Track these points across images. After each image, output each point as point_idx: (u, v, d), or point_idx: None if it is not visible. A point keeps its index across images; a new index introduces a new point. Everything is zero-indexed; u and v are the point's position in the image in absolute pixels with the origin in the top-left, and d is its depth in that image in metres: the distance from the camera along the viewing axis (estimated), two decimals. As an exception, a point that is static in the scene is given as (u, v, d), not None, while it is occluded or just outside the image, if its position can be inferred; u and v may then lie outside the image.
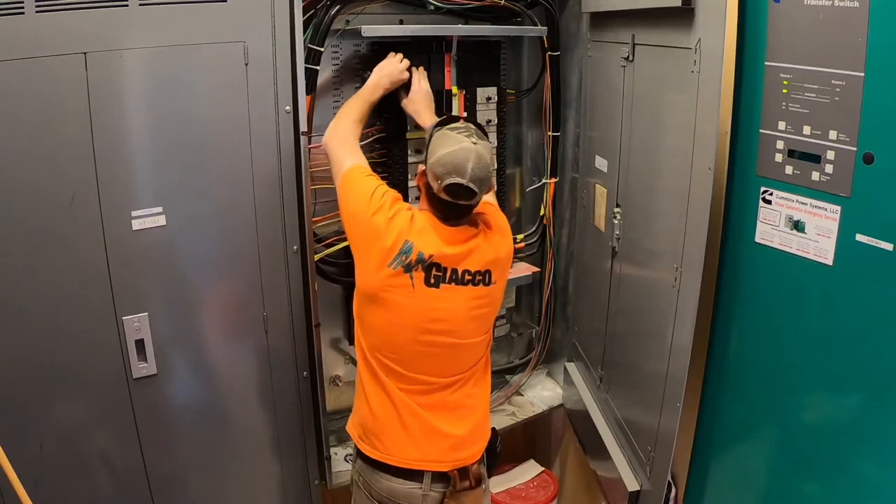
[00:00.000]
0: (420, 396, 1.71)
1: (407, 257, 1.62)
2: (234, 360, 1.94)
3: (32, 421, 1.68)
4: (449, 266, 1.64)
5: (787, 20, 1.45)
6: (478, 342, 1.74)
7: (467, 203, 1.62)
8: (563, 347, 2.71)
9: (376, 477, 1.74)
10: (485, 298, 1.70)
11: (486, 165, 1.58)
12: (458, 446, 1.73)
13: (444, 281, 1.65)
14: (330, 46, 2.06)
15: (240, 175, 1.82)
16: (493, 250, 1.70)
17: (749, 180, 1.59)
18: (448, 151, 1.58)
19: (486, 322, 1.76)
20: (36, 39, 1.51)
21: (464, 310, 1.68)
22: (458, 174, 1.56)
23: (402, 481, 1.71)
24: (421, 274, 1.63)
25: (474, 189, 1.58)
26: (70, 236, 1.64)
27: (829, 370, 1.45)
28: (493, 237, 1.72)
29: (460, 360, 1.73)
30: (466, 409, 1.76)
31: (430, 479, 1.71)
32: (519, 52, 2.47)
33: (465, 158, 1.56)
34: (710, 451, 1.80)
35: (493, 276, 1.70)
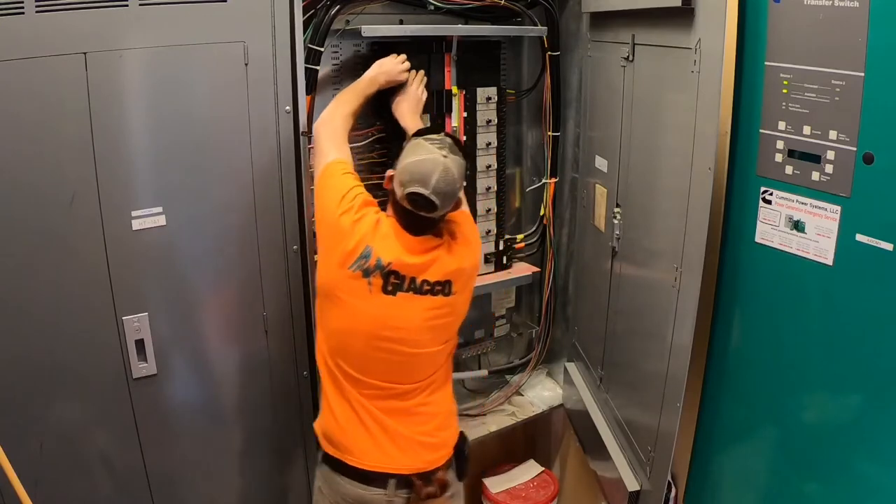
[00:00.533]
0: (378, 401, 1.70)
1: (366, 262, 1.62)
2: (234, 359, 1.94)
3: (32, 421, 1.68)
4: (408, 275, 1.64)
5: (787, 20, 1.45)
6: (435, 352, 1.72)
7: (428, 215, 1.61)
8: (563, 347, 2.71)
9: (340, 482, 1.72)
10: (443, 308, 1.69)
11: (452, 180, 1.57)
12: (419, 451, 1.72)
13: (402, 289, 1.64)
14: (330, 46, 2.06)
15: (240, 175, 1.82)
16: (455, 261, 1.68)
17: (749, 180, 1.59)
18: (416, 160, 1.58)
19: (444, 332, 1.74)
20: (36, 39, 1.51)
21: (420, 319, 1.67)
22: (421, 184, 1.55)
23: (366, 487, 1.70)
24: (379, 280, 1.63)
25: (435, 202, 1.56)
26: (70, 236, 1.64)
27: (829, 370, 1.45)
28: (458, 248, 1.70)
29: (416, 369, 1.72)
30: (425, 415, 1.74)
31: (395, 486, 1.69)
32: (519, 52, 2.47)
33: (432, 170, 1.55)
34: (710, 451, 1.80)
35: (454, 286, 1.69)
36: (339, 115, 1.82)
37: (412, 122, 1.95)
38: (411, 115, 1.97)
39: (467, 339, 2.59)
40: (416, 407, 1.73)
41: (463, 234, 1.73)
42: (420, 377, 1.73)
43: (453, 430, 1.82)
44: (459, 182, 1.61)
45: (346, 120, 1.83)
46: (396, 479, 1.70)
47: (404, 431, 1.71)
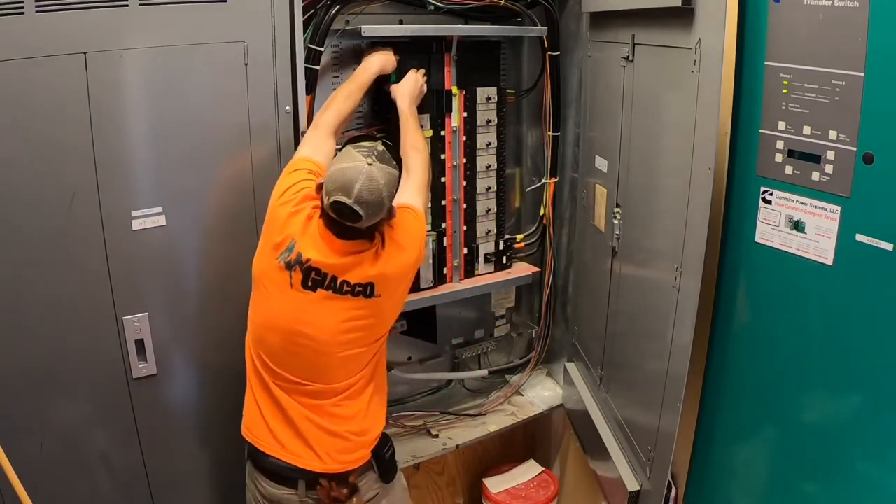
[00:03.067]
0: (295, 395, 1.69)
1: (289, 254, 1.61)
2: (234, 359, 1.93)
3: (32, 421, 1.68)
4: (329, 273, 1.62)
5: (787, 20, 1.45)
6: (353, 355, 1.68)
7: (353, 224, 1.57)
8: (563, 347, 2.71)
9: (257, 479, 1.73)
10: (364, 310, 1.65)
11: (375, 189, 1.53)
12: (330, 451, 1.69)
13: (322, 286, 1.62)
14: (330, 46, 2.06)
15: (240, 175, 1.83)
16: (379, 266, 1.64)
17: (749, 180, 1.59)
18: (340, 168, 1.55)
19: (365, 335, 1.69)
20: (36, 39, 1.51)
21: (337, 321, 1.64)
22: (344, 193, 1.52)
23: (279, 486, 1.70)
24: (299, 275, 1.61)
25: (359, 211, 1.53)
26: (70, 236, 1.64)
27: (829, 370, 1.45)
28: (385, 253, 1.66)
29: (331, 370, 1.69)
30: (339, 417, 1.71)
31: (305, 486, 1.69)
32: (519, 52, 2.47)
33: (354, 178, 1.51)
34: (710, 451, 1.80)
35: (377, 289, 1.65)
36: (332, 113, 1.82)
37: (408, 105, 1.96)
38: (409, 98, 1.98)
39: (467, 339, 2.59)
40: (331, 407, 1.70)
41: (394, 239, 1.68)
42: (336, 379, 1.69)
43: (371, 435, 1.76)
44: (386, 191, 1.56)
45: (340, 116, 1.82)
46: (306, 479, 1.69)
47: (315, 429, 1.68)
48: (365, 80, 1.93)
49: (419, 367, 2.54)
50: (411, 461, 2.35)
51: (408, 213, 1.74)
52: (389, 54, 2.02)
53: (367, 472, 1.76)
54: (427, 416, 2.54)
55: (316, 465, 1.68)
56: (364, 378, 1.74)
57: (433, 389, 2.67)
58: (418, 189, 1.80)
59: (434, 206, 2.28)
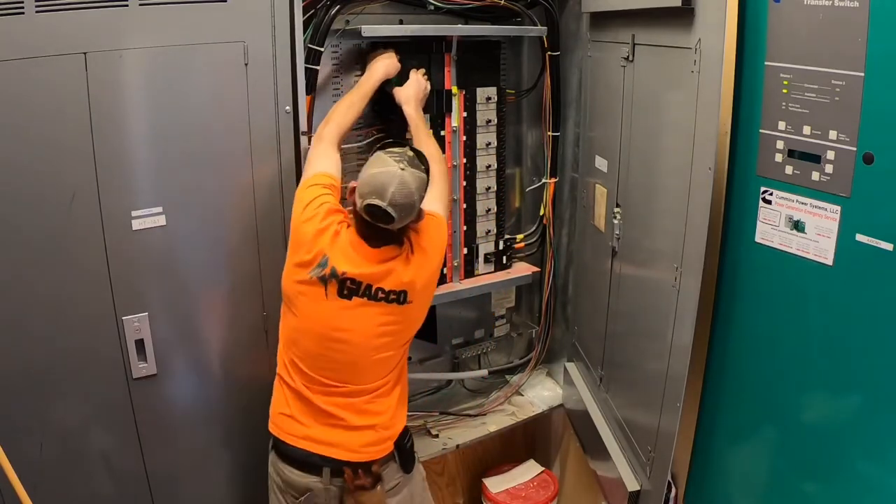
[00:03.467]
0: (326, 397, 1.73)
1: (323, 270, 1.66)
2: (234, 359, 1.94)
3: (32, 421, 1.68)
4: (363, 282, 1.67)
5: (787, 20, 1.45)
6: (385, 358, 1.75)
7: (386, 227, 1.63)
8: (563, 347, 2.71)
9: (282, 468, 1.76)
10: (397, 316, 1.72)
11: (408, 192, 1.60)
12: (356, 440, 1.74)
13: (358, 294, 1.68)
14: (330, 46, 2.06)
15: (240, 175, 1.83)
16: (410, 272, 1.71)
17: (749, 180, 1.59)
18: (374, 172, 1.62)
19: (396, 339, 1.76)
20: (36, 39, 1.51)
21: (373, 325, 1.70)
22: (378, 196, 1.58)
23: (304, 474, 1.74)
24: (334, 286, 1.67)
25: (392, 214, 1.59)
26: (70, 236, 1.64)
27: (829, 370, 1.45)
28: (414, 259, 1.73)
29: (365, 373, 1.74)
30: (369, 413, 1.76)
31: (330, 474, 1.73)
32: (519, 52, 2.47)
33: (388, 182, 1.59)
34: (710, 451, 1.80)
35: (409, 296, 1.72)
36: (333, 125, 1.84)
37: (414, 110, 1.98)
38: (415, 102, 1.99)
39: (467, 339, 2.59)
40: (362, 405, 1.75)
41: (420, 246, 1.74)
42: (368, 380, 1.75)
43: (396, 429, 1.82)
44: (417, 195, 1.64)
45: (341, 128, 1.85)
46: (330, 467, 1.72)
47: (345, 423, 1.73)
48: (368, 89, 1.95)
49: (419, 367, 2.54)
50: (411, 461, 2.35)
51: (432, 219, 1.79)
52: (392, 58, 2.03)
53: (389, 462, 1.80)
54: (427, 416, 2.54)
55: (341, 454, 1.73)
56: (393, 378, 1.80)
57: (433, 389, 2.67)
58: (440, 197, 1.85)
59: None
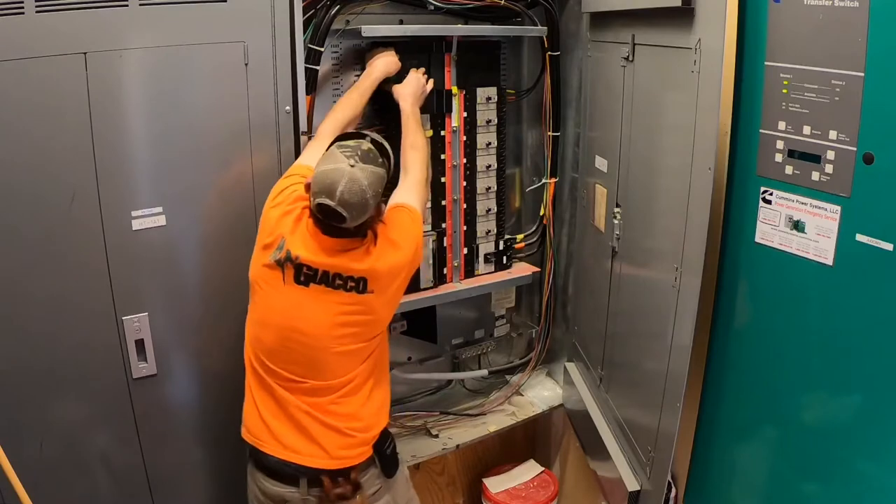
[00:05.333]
0: (293, 394, 1.69)
1: (279, 252, 1.63)
2: (234, 359, 1.93)
3: (32, 421, 1.68)
4: (320, 269, 1.63)
5: (787, 20, 1.45)
6: (349, 351, 1.68)
7: (339, 225, 1.58)
8: (563, 347, 2.71)
9: (259, 478, 1.73)
10: (357, 306, 1.65)
11: (358, 191, 1.53)
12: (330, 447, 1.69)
13: (315, 280, 1.63)
14: (330, 46, 2.06)
15: (240, 175, 1.83)
16: (369, 260, 1.65)
17: (749, 180, 1.59)
18: (323, 170, 1.56)
19: (361, 332, 1.69)
20: (36, 39, 1.51)
21: (331, 314, 1.64)
22: (327, 195, 1.53)
23: (281, 484, 1.70)
24: (291, 270, 1.63)
25: (343, 213, 1.53)
26: (70, 236, 1.64)
27: (829, 370, 1.45)
28: (377, 250, 1.67)
29: (327, 367, 1.68)
30: (338, 415, 1.70)
31: (307, 484, 1.69)
32: (519, 52, 2.47)
33: (336, 180, 1.52)
34: (710, 451, 1.80)
35: (370, 285, 1.65)
36: (330, 121, 1.84)
37: (410, 106, 1.96)
38: (412, 99, 1.98)
39: (467, 339, 2.59)
40: (329, 404, 1.70)
41: (387, 237, 1.68)
42: (333, 376, 1.69)
43: (373, 432, 1.76)
44: (371, 191, 1.56)
45: (338, 124, 1.84)
46: (308, 477, 1.69)
47: (315, 425, 1.69)
48: (367, 87, 1.94)
49: (419, 367, 2.54)
50: (411, 461, 2.35)
51: (403, 211, 1.74)
52: (392, 56, 2.03)
53: (369, 467, 1.76)
54: (427, 416, 2.54)
55: (317, 462, 1.68)
56: (362, 374, 1.73)
57: (433, 389, 2.67)
58: (415, 187, 1.81)
59: (434, 206, 2.28)
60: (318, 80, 2.02)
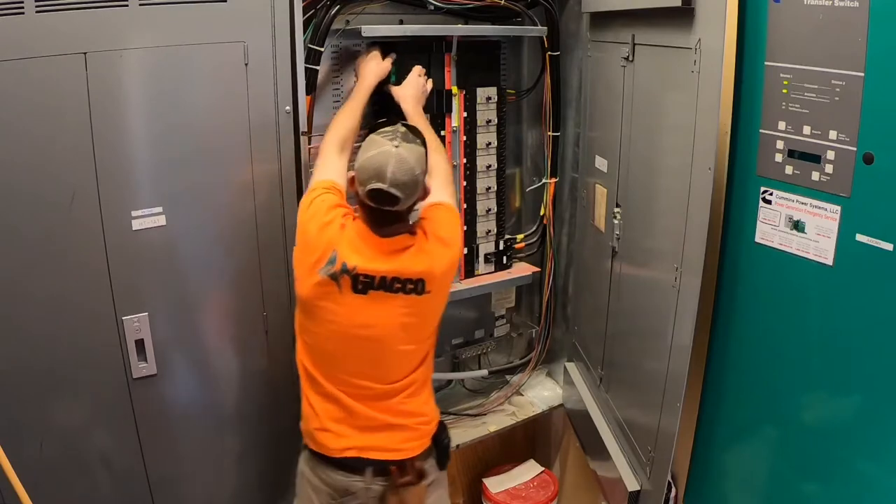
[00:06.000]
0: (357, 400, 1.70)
1: (332, 266, 1.61)
2: (234, 359, 1.94)
3: (32, 421, 1.68)
4: (377, 275, 1.62)
5: (787, 20, 1.45)
6: (409, 351, 1.71)
7: (392, 209, 1.58)
8: (563, 347, 2.71)
9: (320, 467, 1.75)
10: (416, 307, 1.67)
11: (408, 169, 1.54)
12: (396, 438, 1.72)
13: (373, 287, 1.63)
14: (330, 46, 2.06)
15: (240, 175, 1.82)
16: (426, 261, 1.65)
17: (749, 180, 1.59)
18: (369, 156, 1.56)
19: (418, 332, 1.71)
20: (36, 39, 1.51)
21: (393, 316, 1.65)
22: (378, 179, 1.53)
23: (345, 474, 1.72)
24: (348, 280, 1.61)
25: (396, 194, 1.54)
26: (70, 236, 1.64)
27: (829, 370, 1.45)
28: (430, 248, 1.67)
29: (392, 368, 1.71)
30: (404, 413, 1.74)
31: (372, 473, 1.71)
32: (519, 52, 2.47)
33: (385, 162, 1.53)
34: (710, 451, 1.80)
35: (427, 286, 1.65)
36: (332, 134, 1.82)
37: (412, 108, 1.96)
38: (413, 101, 1.98)
39: (467, 339, 2.59)
40: (397, 405, 1.73)
41: (436, 234, 1.68)
42: (396, 377, 1.72)
43: (433, 424, 1.81)
44: (418, 168, 1.58)
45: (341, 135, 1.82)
46: (373, 467, 1.71)
47: (382, 419, 1.71)
48: (363, 95, 1.94)
49: (419, 367, 2.54)
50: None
51: (442, 208, 1.74)
52: (377, 58, 2.02)
53: (428, 457, 1.80)
54: (427, 416, 2.54)
55: (385, 455, 1.71)
56: (420, 378, 1.77)
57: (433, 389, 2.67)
58: (444, 185, 1.81)
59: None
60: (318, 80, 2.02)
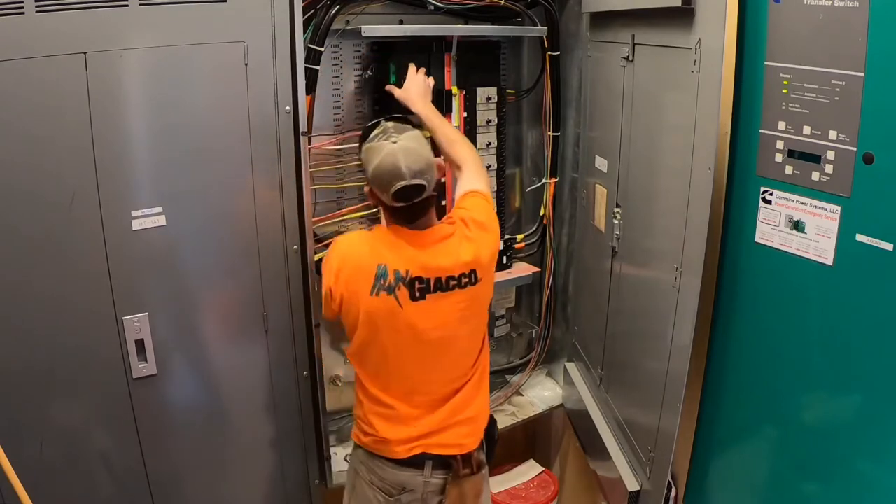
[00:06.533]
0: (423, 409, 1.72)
1: (385, 280, 1.60)
2: (234, 359, 1.94)
3: (32, 421, 1.68)
4: (431, 276, 1.62)
5: (787, 20, 1.45)
6: (470, 343, 1.75)
7: (422, 198, 1.59)
8: (563, 347, 2.71)
9: (378, 465, 1.75)
10: (471, 299, 1.68)
11: (417, 156, 1.55)
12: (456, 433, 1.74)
13: (430, 291, 1.63)
14: (330, 46, 2.06)
15: (240, 175, 1.82)
16: (472, 249, 1.66)
17: (749, 180, 1.59)
18: (377, 163, 1.56)
19: (475, 322, 1.74)
20: (36, 39, 1.51)
21: (453, 312, 1.66)
22: (398, 178, 1.54)
23: (404, 469, 1.73)
24: (405, 291, 1.61)
25: (420, 183, 1.55)
26: (70, 236, 1.64)
27: (829, 370, 1.45)
28: (473, 234, 1.68)
29: (458, 364, 1.74)
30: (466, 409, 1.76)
31: (431, 467, 1.73)
32: (519, 52, 2.47)
33: (395, 161, 1.53)
34: (710, 451, 1.80)
35: (479, 274, 1.67)
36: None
37: (423, 107, 1.95)
38: (421, 100, 1.97)
39: (467, 339, 2.59)
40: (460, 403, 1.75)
41: (475, 220, 1.70)
42: (460, 373, 1.74)
43: (487, 416, 1.85)
44: (425, 150, 1.59)
45: None
46: (433, 461, 1.72)
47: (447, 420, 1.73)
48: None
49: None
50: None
51: (478, 196, 1.75)
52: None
53: (481, 450, 1.82)
54: (427, 416, 2.54)
55: (445, 451, 1.73)
56: (482, 364, 1.79)
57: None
58: (476, 175, 1.81)
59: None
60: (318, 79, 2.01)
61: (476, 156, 1.88)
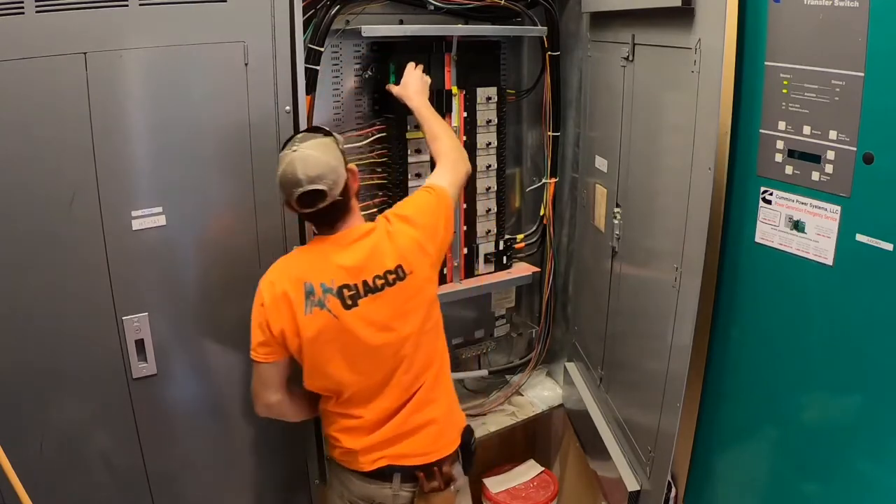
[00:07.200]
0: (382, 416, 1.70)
1: (314, 296, 1.60)
2: (234, 359, 1.93)
3: (32, 421, 1.68)
4: (358, 281, 1.61)
5: (787, 20, 1.45)
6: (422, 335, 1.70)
7: (327, 203, 1.57)
8: (563, 347, 2.71)
9: (347, 478, 1.75)
10: (405, 292, 1.65)
11: (317, 162, 1.54)
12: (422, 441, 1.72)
13: (361, 296, 1.61)
14: (330, 46, 2.06)
15: (240, 175, 1.82)
16: (392, 244, 1.65)
17: (749, 180, 1.59)
18: (280, 172, 1.57)
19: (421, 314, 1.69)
20: (36, 39, 1.51)
21: (392, 312, 1.65)
22: (295, 185, 1.54)
23: (371, 482, 1.72)
24: (336, 301, 1.60)
25: (319, 188, 1.54)
26: (70, 236, 1.64)
27: (829, 370, 1.45)
28: (393, 228, 1.67)
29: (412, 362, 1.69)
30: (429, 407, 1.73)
31: (400, 479, 1.71)
32: (519, 52, 2.47)
33: (293, 169, 1.53)
34: (710, 451, 1.80)
35: (405, 267, 1.64)
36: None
37: (419, 104, 1.96)
38: (419, 95, 1.98)
39: (467, 339, 2.59)
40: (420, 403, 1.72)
41: (399, 215, 1.70)
42: (415, 373, 1.70)
43: (459, 424, 1.81)
44: (328, 155, 1.56)
45: None
46: (401, 473, 1.71)
47: (409, 424, 1.71)
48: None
49: (419, 367, 2.54)
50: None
51: (423, 190, 1.77)
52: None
53: (455, 462, 1.79)
54: (427, 416, 2.54)
55: (413, 461, 1.71)
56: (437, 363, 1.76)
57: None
58: (445, 171, 1.81)
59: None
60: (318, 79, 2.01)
61: (454, 153, 1.87)
